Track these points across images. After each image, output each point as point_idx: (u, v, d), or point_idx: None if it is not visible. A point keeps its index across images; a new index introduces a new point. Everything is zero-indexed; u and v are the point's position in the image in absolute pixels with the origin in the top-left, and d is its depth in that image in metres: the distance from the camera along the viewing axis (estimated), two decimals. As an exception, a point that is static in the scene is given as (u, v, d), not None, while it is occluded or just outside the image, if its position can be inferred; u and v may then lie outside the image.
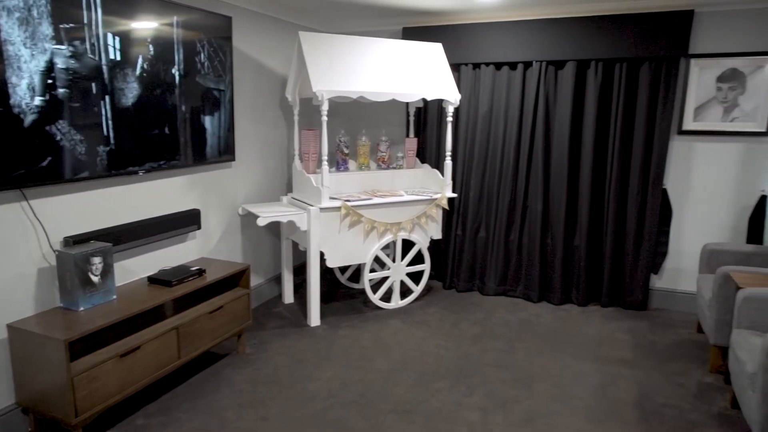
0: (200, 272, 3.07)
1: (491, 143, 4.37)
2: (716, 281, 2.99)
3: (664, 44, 3.78)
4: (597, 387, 2.98)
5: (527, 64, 4.19)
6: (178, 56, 3.11)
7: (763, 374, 2.13)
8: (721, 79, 3.81)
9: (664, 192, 4.06)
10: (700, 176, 4.00)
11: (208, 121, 3.41)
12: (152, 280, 2.95)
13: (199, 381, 3.01)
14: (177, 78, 3.12)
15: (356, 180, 4.13)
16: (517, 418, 2.67)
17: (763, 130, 3.76)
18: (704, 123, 3.89)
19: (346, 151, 4.24)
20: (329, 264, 3.77)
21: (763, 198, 3.83)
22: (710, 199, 4.00)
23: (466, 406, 2.78)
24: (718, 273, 2.98)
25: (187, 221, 3.31)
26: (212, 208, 3.65)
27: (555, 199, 4.23)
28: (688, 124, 3.93)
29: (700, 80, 3.86)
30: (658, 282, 4.23)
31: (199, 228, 3.42)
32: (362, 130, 4.43)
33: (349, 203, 3.73)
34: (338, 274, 4.56)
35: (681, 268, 4.16)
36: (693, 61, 3.85)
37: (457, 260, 4.58)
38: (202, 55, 3.32)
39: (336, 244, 3.76)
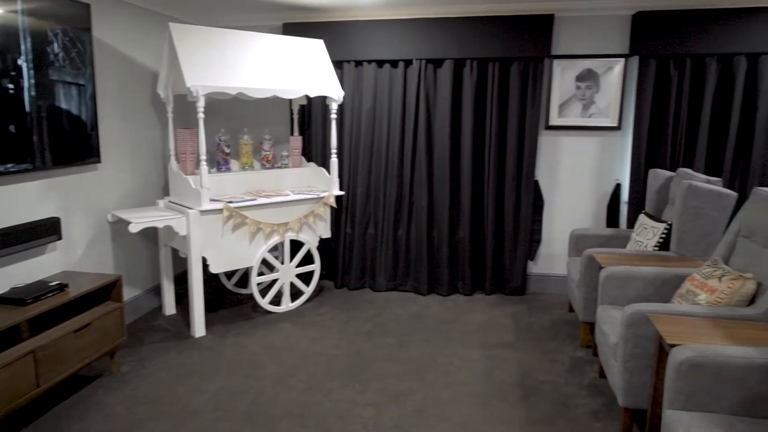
0: (61, 287, 2.76)
1: (376, 140, 4.41)
2: (582, 263, 3.26)
3: (530, 45, 4.05)
4: (483, 371, 3.12)
5: (408, 62, 4.28)
6: (25, 46, 2.77)
7: (624, 344, 2.35)
8: (579, 78, 4.16)
9: (536, 183, 4.36)
10: (565, 168, 4.34)
11: (66, 118, 3.07)
12: (2, 299, 2.59)
13: (65, 409, 2.70)
14: (24, 70, 2.77)
15: (239, 181, 3.96)
16: (409, 409, 2.71)
17: (615, 125, 4.17)
18: (567, 118, 4.23)
19: (227, 150, 4.05)
20: (213, 270, 3.58)
21: (617, 186, 4.24)
22: (575, 189, 4.36)
23: (360, 403, 2.77)
24: (584, 255, 3.25)
25: (44, 231, 2.96)
26: (75, 216, 3.30)
27: (439, 194, 4.37)
28: (554, 120, 4.25)
29: (562, 79, 4.19)
30: (534, 268, 4.54)
31: (59, 238, 3.08)
32: (244, 128, 4.27)
33: (231, 205, 3.56)
34: (224, 280, 4.35)
35: (553, 254, 4.49)
36: (555, 62, 4.16)
37: (348, 258, 4.57)
38: (56, 45, 2.98)
39: (219, 249, 3.58)
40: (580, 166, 4.32)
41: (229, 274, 4.46)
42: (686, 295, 2.45)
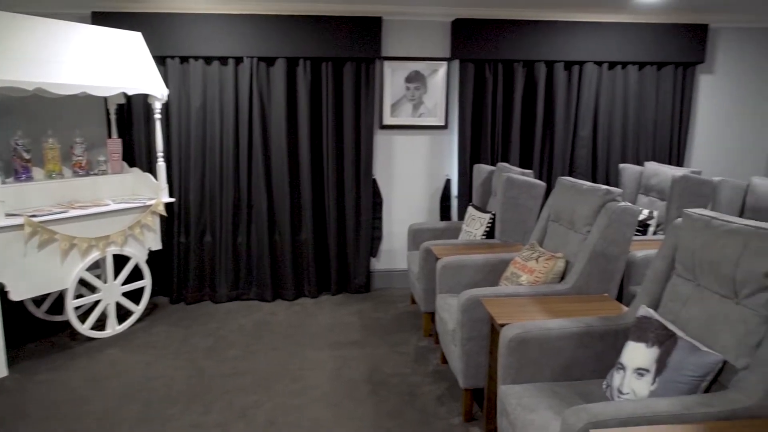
0: None
1: (208, 142, 4.14)
2: (420, 256, 3.41)
3: (361, 46, 4.13)
4: (333, 372, 3.09)
5: (238, 60, 4.08)
6: None
7: (461, 329, 2.49)
8: (408, 79, 4.36)
9: (374, 182, 4.47)
10: (400, 166, 4.52)
11: None
12: None
13: None
14: None
15: (46, 191, 3.43)
16: (259, 423, 2.57)
17: (443, 124, 4.45)
18: (399, 118, 4.41)
19: (26, 156, 3.49)
20: (14, 297, 3.05)
21: (448, 181, 4.54)
22: (410, 185, 4.56)
23: (204, 425, 2.56)
24: (421, 248, 3.40)
25: None
26: None
27: (278, 196, 4.26)
28: (387, 119, 4.40)
29: (393, 80, 4.35)
30: (377, 264, 4.65)
31: None
32: (48, 130, 3.71)
33: (36, 219, 3.06)
34: (32, 307, 3.74)
35: (394, 249, 4.65)
36: (386, 63, 4.31)
37: (183, 270, 4.24)
38: None
39: (23, 272, 3.06)
40: (414, 163, 4.53)
41: (38, 300, 3.84)
42: (511, 278, 2.69)
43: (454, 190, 4.56)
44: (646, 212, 3.66)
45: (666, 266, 1.98)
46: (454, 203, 4.59)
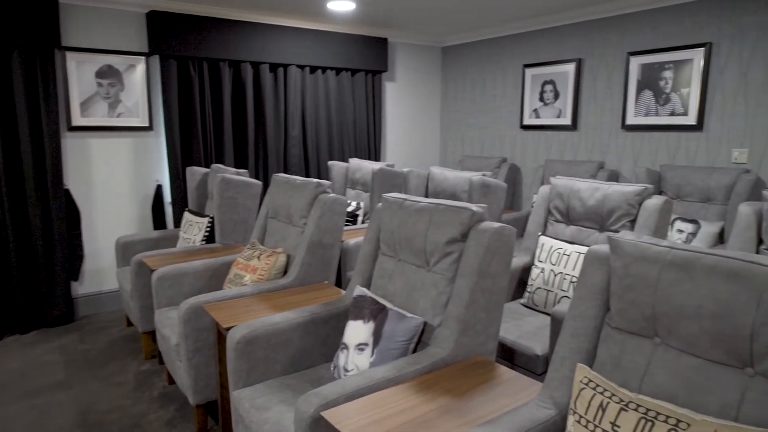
0: None
1: None
2: (132, 270, 3.05)
3: (32, 32, 3.45)
4: (33, 426, 2.53)
5: None
6: None
7: (185, 342, 2.31)
8: (99, 74, 3.84)
9: (68, 192, 3.82)
10: (100, 172, 3.97)
11: None
12: None
13: None
14: None
15: None
16: None
17: (147, 124, 4.06)
18: (93, 118, 3.85)
19: None
20: None
21: (159, 187, 4.18)
22: (115, 194, 4.04)
23: None
24: (132, 262, 3.04)
25: None
26: None
27: (-76, 220, 3.27)
28: (77, 120, 3.79)
29: (80, 75, 3.77)
30: (81, 288, 4.00)
31: None
32: None
33: None
34: None
35: (102, 268, 4.07)
36: (69, 55, 3.71)
37: None
38: None
39: None
40: (117, 169, 4.03)
41: None
42: (234, 280, 2.61)
43: (167, 196, 4.23)
44: (354, 204, 4.01)
45: (373, 248, 2.19)
46: (169, 210, 4.25)
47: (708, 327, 1.18)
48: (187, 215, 3.57)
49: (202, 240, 3.37)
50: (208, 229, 3.39)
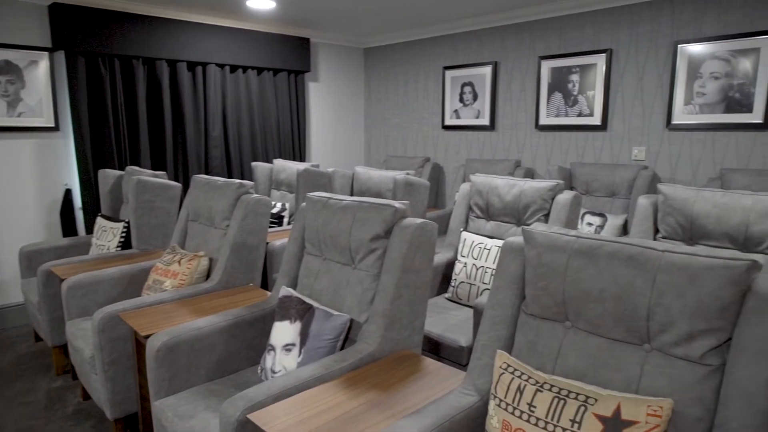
0: None
1: None
2: (39, 281, 2.84)
3: None
4: None
5: None
6: None
7: (101, 353, 2.18)
8: (-4, 71, 3.55)
9: (-40, 199, 3.50)
10: (0, 176, 3.67)
11: None
12: None
13: None
14: None
15: None
16: None
17: (52, 125, 3.80)
18: (-12, 118, 3.55)
19: None
20: None
21: (68, 191, 3.91)
22: (17, 200, 3.74)
23: None
24: (39, 272, 2.84)
25: None
26: None
27: None
28: (-30, 120, 3.49)
29: (-28, 71, 3.47)
30: (-21, 303, 3.67)
31: None
32: None
33: None
34: None
35: (3, 280, 3.75)
36: (-42, 49, 3.40)
37: None
38: None
39: None
40: (18, 173, 3.73)
41: None
42: (153, 286, 2.50)
43: (78, 200, 3.97)
44: (279, 205, 3.96)
45: (298, 247, 2.18)
46: (79, 215, 4.00)
47: (611, 308, 1.28)
48: (100, 220, 3.37)
49: (118, 246, 3.20)
50: (124, 234, 3.22)
